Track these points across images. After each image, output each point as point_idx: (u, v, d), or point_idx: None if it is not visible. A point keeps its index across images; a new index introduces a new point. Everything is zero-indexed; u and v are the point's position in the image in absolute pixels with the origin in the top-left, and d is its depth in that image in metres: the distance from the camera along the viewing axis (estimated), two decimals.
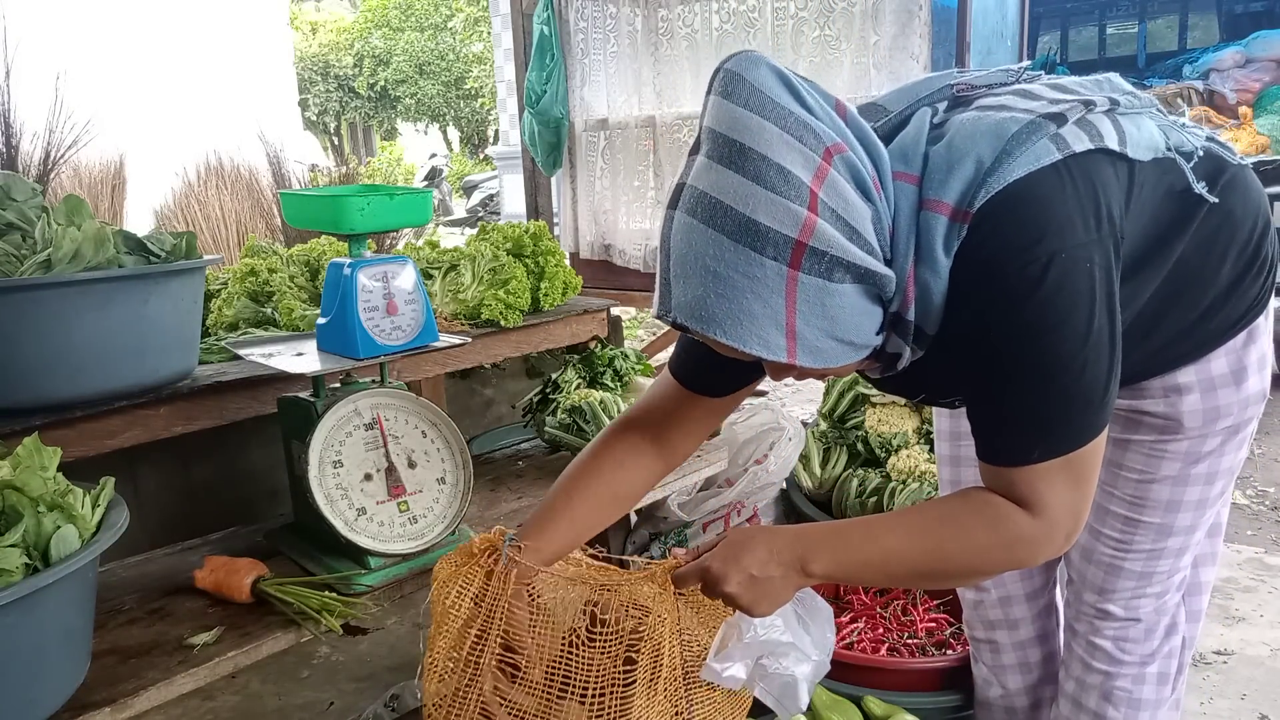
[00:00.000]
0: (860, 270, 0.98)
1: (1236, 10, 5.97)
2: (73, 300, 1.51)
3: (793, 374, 1.09)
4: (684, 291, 0.99)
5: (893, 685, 1.87)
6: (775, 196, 0.94)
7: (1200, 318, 1.26)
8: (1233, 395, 1.32)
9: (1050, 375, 1.04)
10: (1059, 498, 1.08)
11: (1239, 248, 1.25)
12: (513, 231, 2.52)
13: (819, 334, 0.99)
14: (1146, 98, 1.24)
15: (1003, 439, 1.10)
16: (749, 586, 1.13)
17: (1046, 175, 1.04)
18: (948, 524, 1.13)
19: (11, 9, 5.03)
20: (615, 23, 3.98)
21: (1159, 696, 1.50)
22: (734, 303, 0.97)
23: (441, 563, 1.39)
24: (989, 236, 1.02)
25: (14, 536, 1.16)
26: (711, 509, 2.51)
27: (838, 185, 0.97)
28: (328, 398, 1.68)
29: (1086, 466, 1.09)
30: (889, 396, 2.72)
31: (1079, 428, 1.07)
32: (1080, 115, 1.10)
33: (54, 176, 4.24)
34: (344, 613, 1.54)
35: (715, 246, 0.96)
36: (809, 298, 0.97)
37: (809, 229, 0.94)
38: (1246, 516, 3.43)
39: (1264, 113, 5.18)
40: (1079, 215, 1.04)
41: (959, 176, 1.03)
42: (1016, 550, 1.11)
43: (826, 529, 1.17)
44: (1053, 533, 1.09)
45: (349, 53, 25.72)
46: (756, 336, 0.98)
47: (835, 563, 1.13)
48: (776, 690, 1.21)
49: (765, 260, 0.95)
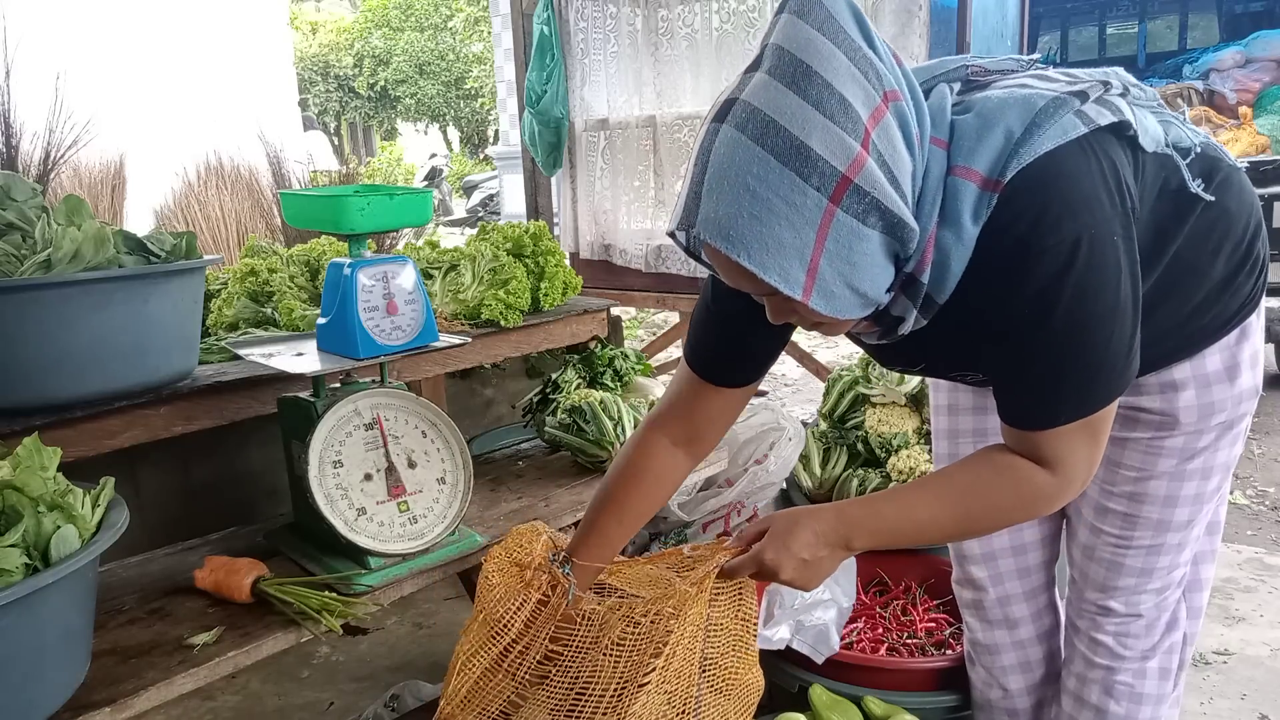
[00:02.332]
0: (893, 219, 0.98)
1: (1236, 10, 5.97)
2: (73, 300, 1.51)
3: (793, 318, 1.10)
4: (715, 207, 0.97)
5: (892, 685, 1.87)
6: (832, 125, 0.93)
7: (1194, 312, 1.27)
8: (1226, 391, 1.34)
9: (1081, 346, 1.08)
10: (1077, 455, 1.14)
11: (1233, 244, 1.27)
12: (513, 231, 2.52)
13: (836, 278, 0.99)
14: (1151, 92, 1.26)
15: (1031, 405, 1.14)
16: (801, 569, 1.20)
17: (1073, 151, 1.06)
18: (975, 491, 1.20)
19: (11, 9, 5.03)
20: (615, 23, 3.98)
21: (1160, 691, 1.51)
22: (766, 226, 0.95)
23: (491, 562, 1.45)
24: (1021, 213, 1.04)
25: (14, 536, 1.16)
26: (711, 509, 2.51)
27: (890, 130, 0.97)
28: (328, 398, 1.68)
29: (1104, 424, 1.14)
30: (889, 396, 2.72)
31: (1105, 392, 1.12)
32: (1100, 94, 1.13)
33: (54, 176, 4.25)
34: (344, 613, 1.54)
35: (760, 165, 0.95)
36: (839, 237, 0.97)
37: (858, 165, 0.94)
38: (1246, 516, 3.43)
39: (1264, 113, 5.18)
40: (1104, 191, 1.07)
41: (989, 145, 1.04)
42: (1037, 505, 1.19)
43: (864, 507, 1.24)
44: (1070, 486, 1.16)
45: (349, 53, 25.72)
46: (779, 267, 0.97)
47: (874, 538, 1.22)
48: (812, 639, 1.29)
49: (809, 189, 0.94)
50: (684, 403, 1.41)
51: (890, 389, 2.71)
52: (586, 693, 1.29)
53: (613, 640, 1.30)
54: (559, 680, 1.33)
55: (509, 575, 1.46)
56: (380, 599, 1.63)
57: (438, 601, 2.87)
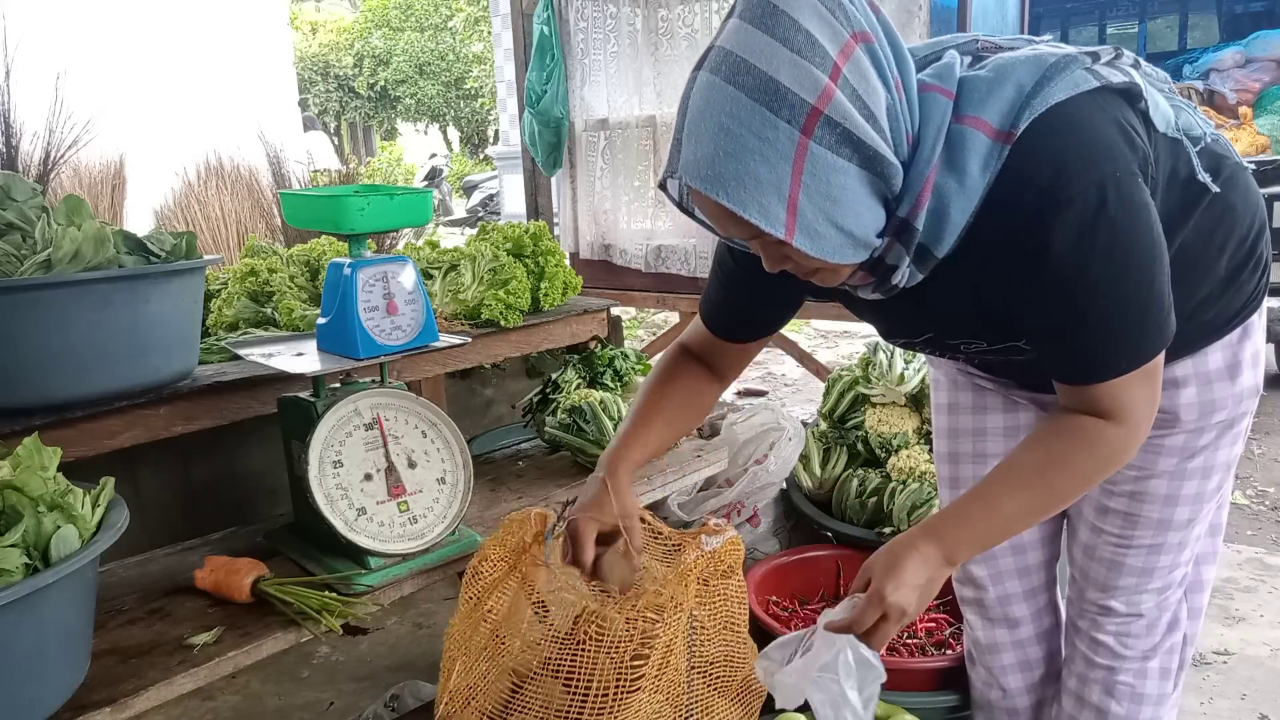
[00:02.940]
0: (869, 152, 0.98)
1: (1236, 10, 5.96)
2: (73, 300, 1.51)
3: (789, 264, 1.10)
4: (694, 150, 0.99)
5: (892, 685, 1.86)
6: (799, 59, 0.95)
7: (1197, 308, 1.27)
8: (1227, 390, 1.34)
9: (1130, 290, 1.07)
10: (1139, 399, 1.14)
11: (1238, 240, 1.27)
12: (513, 231, 2.52)
13: (819, 215, 0.99)
14: (1163, 75, 1.26)
15: (1089, 359, 1.13)
16: (918, 597, 1.18)
17: (1085, 102, 1.07)
18: (1052, 466, 1.18)
19: (11, 9, 5.03)
20: (615, 23, 3.98)
21: (1161, 691, 1.51)
22: (741, 163, 0.96)
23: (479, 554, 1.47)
24: (1040, 165, 1.03)
25: (14, 536, 1.16)
26: (711, 509, 2.51)
27: (862, 66, 0.97)
28: (328, 398, 1.68)
29: (1158, 365, 1.14)
30: (889, 396, 2.71)
31: (1159, 334, 1.11)
32: (1112, 58, 1.14)
33: (54, 176, 4.25)
34: (344, 613, 1.54)
35: (732, 104, 0.96)
36: (815, 171, 0.97)
37: (827, 97, 0.95)
38: (1246, 516, 3.43)
39: (1264, 113, 5.18)
40: (1121, 138, 1.07)
41: (1000, 98, 1.04)
42: (1114, 461, 1.18)
43: (953, 519, 1.22)
44: (1138, 432, 1.16)
45: (349, 53, 25.72)
46: (757, 203, 0.97)
47: (972, 545, 1.22)
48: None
49: (779, 122, 0.95)
50: (702, 347, 1.46)
51: (890, 389, 2.71)
52: (588, 692, 1.29)
53: (608, 639, 1.30)
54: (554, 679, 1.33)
55: (493, 564, 1.45)
56: (380, 599, 1.63)
57: (438, 601, 2.87)
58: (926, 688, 1.89)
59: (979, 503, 1.21)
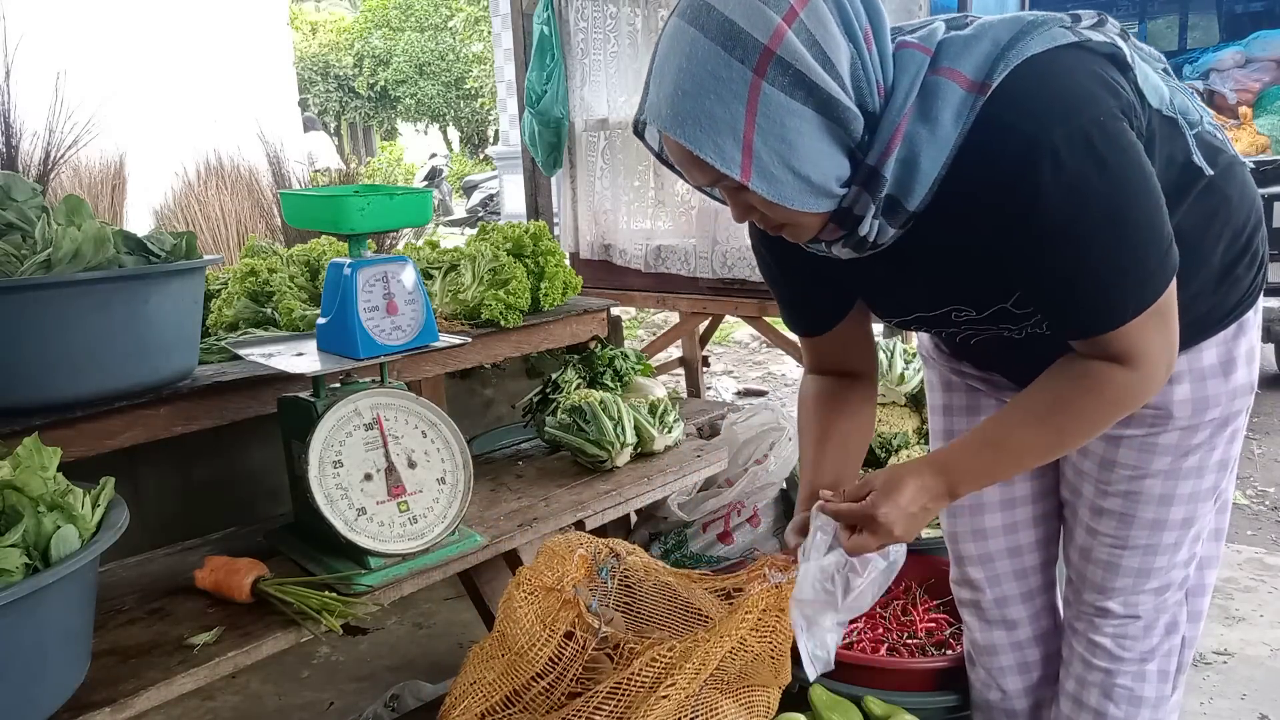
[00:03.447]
0: (824, 96, 0.98)
1: (1236, 10, 5.96)
2: (73, 300, 1.51)
3: (755, 215, 1.11)
4: (657, 91, 1.03)
5: (893, 685, 1.87)
6: (756, 1, 0.97)
7: (1192, 300, 1.26)
8: (1221, 386, 1.34)
9: (1128, 230, 1.06)
10: (1154, 344, 1.13)
11: (1233, 234, 1.27)
12: (513, 231, 2.52)
13: (775, 159, 1.00)
14: (1159, 54, 1.26)
15: (1092, 308, 1.11)
16: (909, 523, 1.20)
17: (1063, 53, 1.07)
18: (1060, 408, 1.18)
19: (11, 8, 5.03)
20: (615, 23, 3.98)
21: (1160, 694, 1.51)
22: (698, 102, 0.99)
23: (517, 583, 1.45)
24: (1021, 114, 1.03)
25: (14, 536, 1.16)
26: (711, 509, 2.51)
27: (820, 13, 0.98)
28: (328, 398, 1.68)
29: (1170, 306, 1.13)
30: (889, 396, 2.72)
31: (1162, 272, 1.10)
32: (1094, 23, 1.14)
33: (54, 176, 4.25)
34: (344, 613, 1.54)
35: (692, 44, 0.99)
36: (769, 113, 0.98)
37: (779, 37, 0.96)
38: (1246, 516, 3.43)
39: (1264, 113, 5.18)
40: (1102, 88, 1.06)
41: (976, 51, 1.05)
42: (1125, 404, 1.18)
43: (960, 453, 1.24)
44: (1156, 374, 1.15)
45: (349, 53, 25.71)
46: (713, 143, 0.99)
47: (975, 478, 1.23)
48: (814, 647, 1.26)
49: (733, 61, 0.97)
50: (818, 358, 1.46)
51: (890, 389, 2.71)
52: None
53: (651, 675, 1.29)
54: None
55: (533, 603, 1.44)
56: (380, 599, 1.63)
57: (438, 601, 2.88)
58: (926, 688, 1.89)
59: (984, 439, 1.23)
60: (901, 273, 1.23)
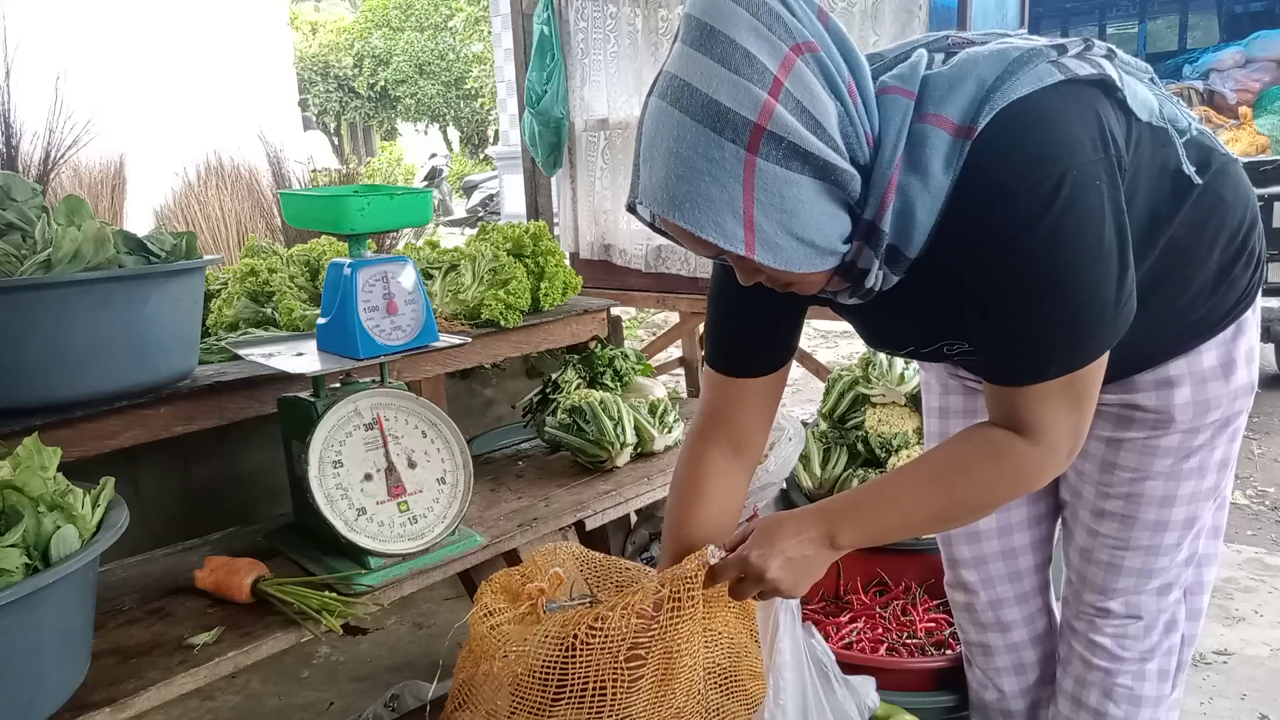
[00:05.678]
0: (820, 163, 0.97)
1: (1236, 10, 5.96)
2: (73, 300, 1.51)
3: (761, 276, 1.09)
4: (650, 175, 1.01)
5: (892, 685, 1.87)
6: (738, 78, 0.95)
7: (1189, 304, 1.26)
8: (1222, 388, 1.33)
9: (1065, 292, 1.05)
10: (1060, 420, 1.12)
11: (1229, 234, 1.26)
12: (513, 231, 2.52)
13: (777, 228, 0.99)
14: (1144, 65, 1.25)
15: (1016, 359, 1.11)
16: (788, 569, 1.18)
17: (1049, 95, 1.05)
18: (955, 470, 1.18)
19: (11, 9, 5.03)
20: (615, 23, 3.98)
21: (1159, 693, 1.51)
22: (693, 185, 0.97)
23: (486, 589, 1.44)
24: (998, 157, 1.02)
25: (14, 536, 1.16)
26: None
27: (804, 78, 0.97)
28: (328, 398, 1.68)
29: (1088, 387, 1.12)
30: (889, 396, 2.71)
31: (1092, 343, 1.09)
32: (1081, 50, 1.12)
33: (54, 176, 4.25)
34: (344, 613, 1.54)
35: (679, 127, 0.97)
36: (767, 186, 0.97)
37: (768, 113, 0.95)
38: (1246, 516, 3.43)
39: (1264, 113, 5.18)
40: (1085, 135, 1.05)
41: (961, 94, 1.04)
42: (1021, 478, 1.16)
43: (845, 501, 1.22)
44: (1055, 455, 1.14)
45: (349, 53, 25.71)
46: (714, 223, 0.98)
47: (860, 532, 1.19)
48: None
49: (724, 142, 0.95)
50: (718, 408, 1.38)
51: (890, 389, 2.71)
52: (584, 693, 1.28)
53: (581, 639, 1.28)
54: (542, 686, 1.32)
55: (497, 615, 1.42)
56: (380, 599, 1.63)
57: (438, 601, 2.88)
58: (925, 688, 1.89)
59: (879, 494, 1.21)
60: (894, 311, 1.22)
